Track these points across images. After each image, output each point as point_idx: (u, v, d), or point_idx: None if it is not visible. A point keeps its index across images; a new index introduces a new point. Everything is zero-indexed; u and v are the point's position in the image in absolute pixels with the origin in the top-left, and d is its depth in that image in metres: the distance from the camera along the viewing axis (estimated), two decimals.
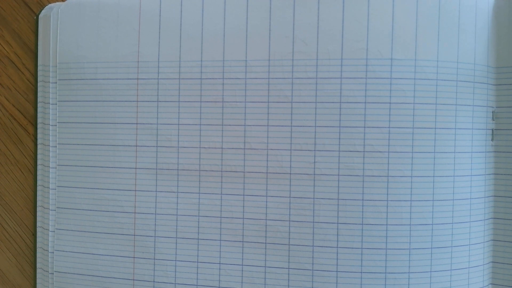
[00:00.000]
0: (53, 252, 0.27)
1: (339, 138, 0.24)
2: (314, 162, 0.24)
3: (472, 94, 0.24)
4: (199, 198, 0.25)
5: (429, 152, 0.23)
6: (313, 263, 0.24)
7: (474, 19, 0.24)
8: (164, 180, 0.25)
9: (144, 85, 0.26)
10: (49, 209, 0.27)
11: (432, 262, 0.24)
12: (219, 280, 0.25)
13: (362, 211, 0.24)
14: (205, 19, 0.25)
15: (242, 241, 0.25)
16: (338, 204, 0.24)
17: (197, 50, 0.25)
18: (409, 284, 0.23)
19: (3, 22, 0.28)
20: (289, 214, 0.24)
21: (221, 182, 0.25)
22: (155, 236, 0.26)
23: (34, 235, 0.28)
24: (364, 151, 0.24)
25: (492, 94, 0.25)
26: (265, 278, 0.25)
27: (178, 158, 0.25)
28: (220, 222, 0.25)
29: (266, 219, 0.25)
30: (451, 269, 0.24)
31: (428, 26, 0.23)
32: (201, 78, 0.25)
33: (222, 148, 0.25)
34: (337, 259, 0.24)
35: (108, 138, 0.26)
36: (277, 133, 0.24)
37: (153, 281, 0.26)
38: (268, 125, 0.24)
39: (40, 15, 0.27)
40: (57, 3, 0.27)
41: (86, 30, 0.26)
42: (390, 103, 0.23)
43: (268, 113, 0.24)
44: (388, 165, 0.23)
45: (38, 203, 0.28)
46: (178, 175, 0.25)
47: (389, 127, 0.23)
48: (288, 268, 0.24)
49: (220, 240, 0.25)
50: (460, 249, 0.24)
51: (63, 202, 0.27)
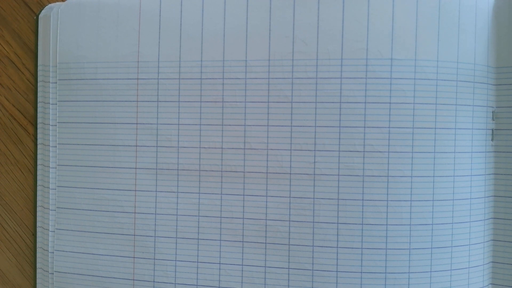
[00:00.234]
0: (53, 252, 0.27)
1: (339, 138, 0.24)
2: (314, 162, 0.24)
3: (472, 94, 0.24)
4: (199, 198, 0.25)
5: (429, 152, 0.23)
6: (313, 263, 0.24)
7: (474, 19, 0.24)
8: (164, 180, 0.25)
9: (144, 85, 0.26)
10: (49, 209, 0.27)
11: (432, 262, 0.24)
12: (219, 280, 0.25)
13: (362, 211, 0.24)
14: (205, 19, 0.25)
15: (242, 241, 0.25)
16: (338, 204, 0.24)
17: (197, 50, 0.25)
18: (409, 284, 0.23)
19: (3, 22, 0.28)
20: (289, 214, 0.24)
21: (221, 182, 0.25)
22: (155, 236, 0.26)
23: (34, 235, 0.28)
24: (364, 151, 0.24)
25: (492, 94, 0.25)
26: (265, 278, 0.25)
27: (178, 158, 0.25)
28: (220, 222, 0.25)
29: (266, 219, 0.25)
30: (451, 269, 0.24)
31: (428, 26, 0.23)
32: (201, 78, 0.25)
33: (222, 148, 0.25)
34: (337, 259, 0.24)
35: (108, 138, 0.26)
36: (277, 133, 0.24)
37: (153, 281, 0.26)
38: (268, 125, 0.24)
39: (40, 15, 0.27)
40: (57, 3, 0.27)
41: (86, 30, 0.26)
42: (390, 103, 0.23)
43: (268, 113, 0.24)
44: (388, 165, 0.23)
45: (38, 203, 0.28)
46: (178, 175, 0.25)
47: (389, 127, 0.23)
48: (288, 268, 0.24)
49: (220, 240, 0.25)
50: (460, 249, 0.24)
51: (63, 202, 0.27)
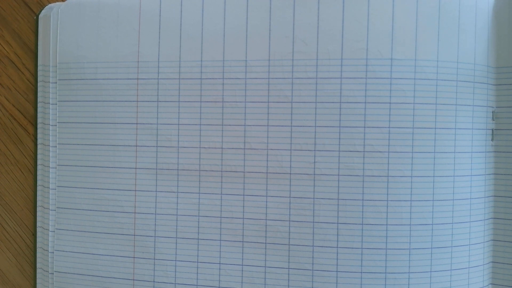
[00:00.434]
0: (53, 252, 0.27)
1: (339, 138, 0.24)
2: (314, 162, 0.24)
3: (472, 94, 0.24)
4: (199, 198, 0.25)
5: (429, 152, 0.23)
6: (313, 263, 0.24)
7: (474, 19, 0.24)
8: (164, 180, 0.25)
9: (144, 85, 0.26)
10: (49, 209, 0.27)
11: (432, 262, 0.24)
12: (219, 280, 0.25)
13: (362, 211, 0.24)
14: (205, 19, 0.25)
15: (242, 241, 0.25)
16: (338, 204, 0.24)
17: (197, 50, 0.25)
18: (409, 284, 0.23)
19: (3, 22, 0.28)
20: (289, 214, 0.24)
21: (221, 182, 0.25)
22: (155, 236, 0.26)
23: (34, 235, 0.28)
24: (364, 151, 0.24)
25: (492, 94, 0.25)
26: (265, 278, 0.25)
27: (178, 158, 0.25)
28: (220, 222, 0.25)
29: (266, 219, 0.25)
30: (451, 269, 0.24)
31: (428, 26, 0.23)
32: (201, 78, 0.25)
33: (222, 148, 0.25)
34: (337, 259, 0.24)
35: (108, 138, 0.26)
36: (277, 133, 0.24)
37: (153, 281, 0.26)
38: (268, 125, 0.24)
39: (40, 15, 0.27)
40: (57, 3, 0.27)
41: (86, 30, 0.26)
42: (390, 103, 0.23)
43: (268, 113, 0.24)
44: (388, 165, 0.23)
45: (38, 203, 0.28)
46: (178, 175, 0.25)
47: (389, 127, 0.23)
48: (288, 268, 0.24)
49: (220, 240, 0.25)
50: (460, 249, 0.24)
51: (63, 202, 0.27)
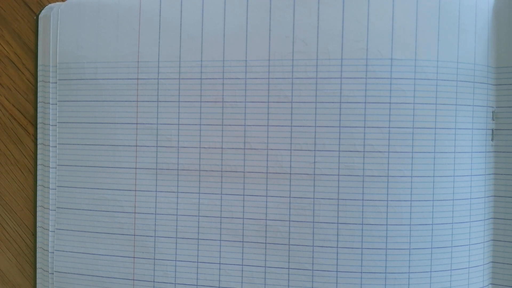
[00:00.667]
0: (53, 252, 0.27)
1: (339, 138, 0.24)
2: (314, 162, 0.24)
3: (472, 94, 0.24)
4: (199, 198, 0.25)
5: (429, 152, 0.23)
6: (313, 263, 0.24)
7: (474, 19, 0.24)
8: (164, 180, 0.25)
9: (144, 85, 0.26)
10: (49, 209, 0.27)
11: (432, 262, 0.24)
12: (219, 280, 0.25)
13: (362, 211, 0.24)
14: (205, 19, 0.25)
15: (242, 241, 0.25)
16: (338, 204, 0.24)
17: (197, 50, 0.25)
18: (409, 284, 0.23)
19: (3, 22, 0.28)
20: (289, 214, 0.24)
21: (221, 182, 0.25)
22: (155, 236, 0.26)
23: (34, 235, 0.28)
24: (364, 151, 0.24)
25: (492, 94, 0.25)
26: (265, 278, 0.25)
27: (178, 158, 0.25)
28: (220, 222, 0.25)
29: (266, 219, 0.25)
30: (451, 269, 0.24)
31: (428, 26, 0.23)
32: (201, 78, 0.25)
33: (222, 148, 0.25)
34: (337, 259, 0.24)
35: (108, 138, 0.26)
36: (277, 133, 0.24)
37: (153, 281, 0.26)
38: (268, 125, 0.24)
39: (40, 15, 0.27)
40: (57, 3, 0.27)
41: (86, 30, 0.26)
42: (390, 103, 0.23)
43: (268, 113, 0.24)
44: (388, 165, 0.23)
45: (38, 203, 0.28)
46: (178, 175, 0.25)
47: (389, 127, 0.23)
48: (288, 268, 0.24)
49: (220, 240, 0.25)
50: (460, 249, 0.24)
51: (63, 202, 0.27)
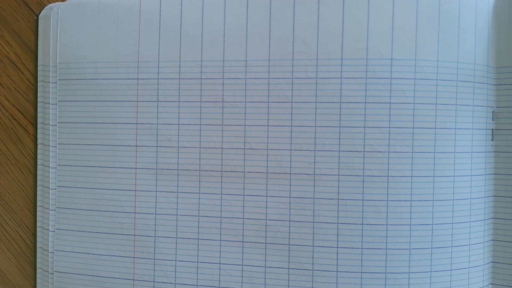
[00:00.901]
0: (53, 252, 0.27)
1: (339, 138, 0.24)
2: (314, 162, 0.24)
3: (472, 94, 0.24)
4: (199, 198, 0.25)
5: (429, 152, 0.23)
6: (313, 263, 0.24)
7: (474, 19, 0.24)
8: (164, 180, 0.25)
9: (144, 85, 0.26)
10: (49, 209, 0.27)
11: (432, 262, 0.24)
12: (219, 280, 0.25)
13: (362, 211, 0.24)
14: (205, 19, 0.25)
15: (242, 241, 0.25)
16: (338, 204, 0.24)
17: (197, 50, 0.25)
18: (409, 284, 0.23)
19: (3, 22, 0.28)
20: (289, 214, 0.24)
21: (221, 182, 0.25)
22: (155, 236, 0.26)
23: (34, 235, 0.28)
24: (364, 151, 0.24)
25: (492, 94, 0.25)
26: (265, 278, 0.25)
27: (178, 158, 0.25)
28: (220, 222, 0.25)
29: (266, 219, 0.25)
30: (451, 269, 0.24)
31: (428, 26, 0.23)
32: (201, 78, 0.25)
33: (222, 148, 0.25)
34: (337, 259, 0.24)
35: (108, 138, 0.26)
36: (277, 133, 0.24)
37: (153, 281, 0.26)
38: (268, 125, 0.24)
39: (40, 15, 0.27)
40: (57, 3, 0.27)
41: (86, 30, 0.26)
42: (390, 103, 0.23)
43: (268, 113, 0.24)
44: (388, 165, 0.23)
45: (38, 203, 0.28)
46: (178, 175, 0.25)
47: (389, 127, 0.23)
48: (288, 268, 0.24)
49: (220, 240, 0.25)
50: (460, 249, 0.24)
51: (63, 202, 0.27)
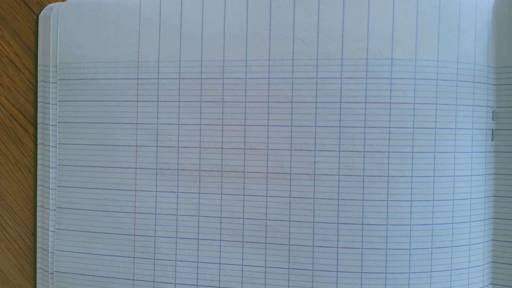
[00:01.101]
0: (53, 252, 0.27)
1: (339, 138, 0.24)
2: (314, 162, 0.24)
3: (472, 94, 0.24)
4: (199, 198, 0.25)
5: (429, 152, 0.23)
6: (313, 263, 0.24)
7: (474, 19, 0.24)
8: (164, 180, 0.25)
9: (144, 85, 0.26)
10: (49, 209, 0.27)
11: (432, 262, 0.24)
12: (219, 280, 0.25)
13: (362, 211, 0.24)
14: (205, 19, 0.25)
15: (242, 241, 0.25)
16: (338, 204, 0.24)
17: (197, 50, 0.25)
18: (409, 284, 0.23)
19: (3, 22, 0.28)
20: (289, 214, 0.24)
21: (221, 182, 0.25)
22: (155, 236, 0.26)
23: (34, 235, 0.28)
24: (364, 151, 0.24)
25: (492, 94, 0.25)
26: (265, 278, 0.25)
27: (178, 158, 0.25)
28: (220, 222, 0.25)
29: (266, 219, 0.25)
30: (451, 269, 0.24)
31: (428, 26, 0.23)
32: (201, 78, 0.25)
33: (222, 148, 0.25)
34: (337, 259, 0.24)
35: (108, 138, 0.26)
36: (277, 133, 0.24)
37: (153, 281, 0.26)
38: (268, 125, 0.24)
39: (40, 15, 0.27)
40: (57, 3, 0.27)
41: (86, 30, 0.26)
42: (390, 103, 0.23)
43: (268, 113, 0.24)
44: (388, 165, 0.23)
45: (38, 203, 0.28)
46: (178, 175, 0.25)
47: (389, 127, 0.23)
48: (288, 268, 0.24)
49: (220, 240, 0.25)
50: (460, 249, 0.24)
51: (63, 202, 0.27)
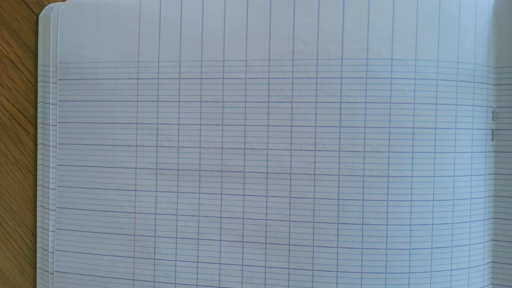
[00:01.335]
0: (53, 252, 0.27)
1: (339, 138, 0.24)
2: (314, 162, 0.24)
3: (472, 94, 0.24)
4: (199, 198, 0.25)
5: (429, 152, 0.23)
6: (313, 263, 0.24)
7: (474, 19, 0.24)
8: (164, 180, 0.25)
9: (144, 85, 0.26)
10: (49, 209, 0.27)
11: (432, 262, 0.24)
12: (219, 280, 0.25)
13: (362, 211, 0.24)
14: (205, 19, 0.25)
15: (242, 241, 0.25)
16: (338, 204, 0.24)
17: (197, 50, 0.25)
18: (409, 284, 0.23)
19: (3, 22, 0.28)
20: (289, 214, 0.24)
21: (221, 182, 0.25)
22: (155, 236, 0.26)
23: (34, 235, 0.28)
24: (364, 151, 0.24)
25: (492, 94, 0.25)
26: (265, 278, 0.25)
27: (178, 158, 0.25)
28: (220, 222, 0.25)
29: (266, 219, 0.25)
30: (451, 269, 0.24)
31: (428, 26, 0.23)
32: (201, 78, 0.25)
33: (222, 148, 0.25)
34: (337, 259, 0.24)
35: (108, 138, 0.26)
36: (277, 133, 0.24)
37: (153, 281, 0.26)
38: (268, 125, 0.24)
39: (40, 15, 0.27)
40: (57, 3, 0.27)
41: (86, 30, 0.26)
42: (390, 103, 0.23)
43: (268, 113, 0.24)
44: (388, 165, 0.23)
45: (38, 203, 0.28)
46: (178, 175, 0.25)
47: (389, 127, 0.23)
48: (288, 268, 0.24)
49: (220, 240, 0.25)
50: (460, 249, 0.24)
51: (63, 202, 0.27)
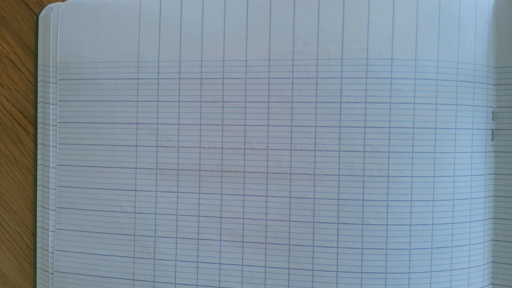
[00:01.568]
0: (53, 252, 0.27)
1: (339, 138, 0.24)
2: (314, 162, 0.24)
3: (472, 94, 0.24)
4: (199, 198, 0.25)
5: (429, 152, 0.23)
6: (313, 263, 0.24)
7: (474, 19, 0.24)
8: (164, 180, 0.25)
9: (144, 85, 0.26)
10: (49, 209, 0.27)
11: (432, 262, 0.24)
12: (219, 280, 0.25)
13: (362, 211, 0.24)
14: (205, 19, 0.25)
15: (242, 241, 0.25)
16: (338, 204, 0.24)
17: (197, 50, 0.25)
18: (409, 284, 0.23)
19: (3, 22, 0.28)
20: (289, 214, 0.24)
21: (221, 182, 0.25)
22: (155, 236, 0.26)
23: (34, 235, 0.28)
24: (364, 151, 0.24)
25: (492, 94, 0.25)
26: (265, 278, 0.25)
27: (178, 158, 0.25)
28: (220, 222, 0.25)
29: (266, 219, 0.25)
30: (451, 269, 0.24)
31: (428, 26, 0.23)
32: (201, 78, 0.25)
33: (222, 148, 0.25)
34: (337, 259, 0.24)
35: (108, 138, 0.26)
36: (277, 133, 0.24)
37: (153, 281, 0.26)
38: (268, 125, 0.24)
39: (40, 15, 0.27)
40: (57, 3, 0.27)
41: (86, 30, 0.26)
42: (390, 103, 0.23)
43: (268, 113, 0.24)
44: (388, 165, 0.23)
45: (38, 203, 0.28)
46: (178, 175, 0.25)
47: (389, 127, 0.23)
48: (288, 268, 0.24)
49: (220, 240, 0.25)
50: (460, 249, 0.24)
51: (63, 202, 0.27)
